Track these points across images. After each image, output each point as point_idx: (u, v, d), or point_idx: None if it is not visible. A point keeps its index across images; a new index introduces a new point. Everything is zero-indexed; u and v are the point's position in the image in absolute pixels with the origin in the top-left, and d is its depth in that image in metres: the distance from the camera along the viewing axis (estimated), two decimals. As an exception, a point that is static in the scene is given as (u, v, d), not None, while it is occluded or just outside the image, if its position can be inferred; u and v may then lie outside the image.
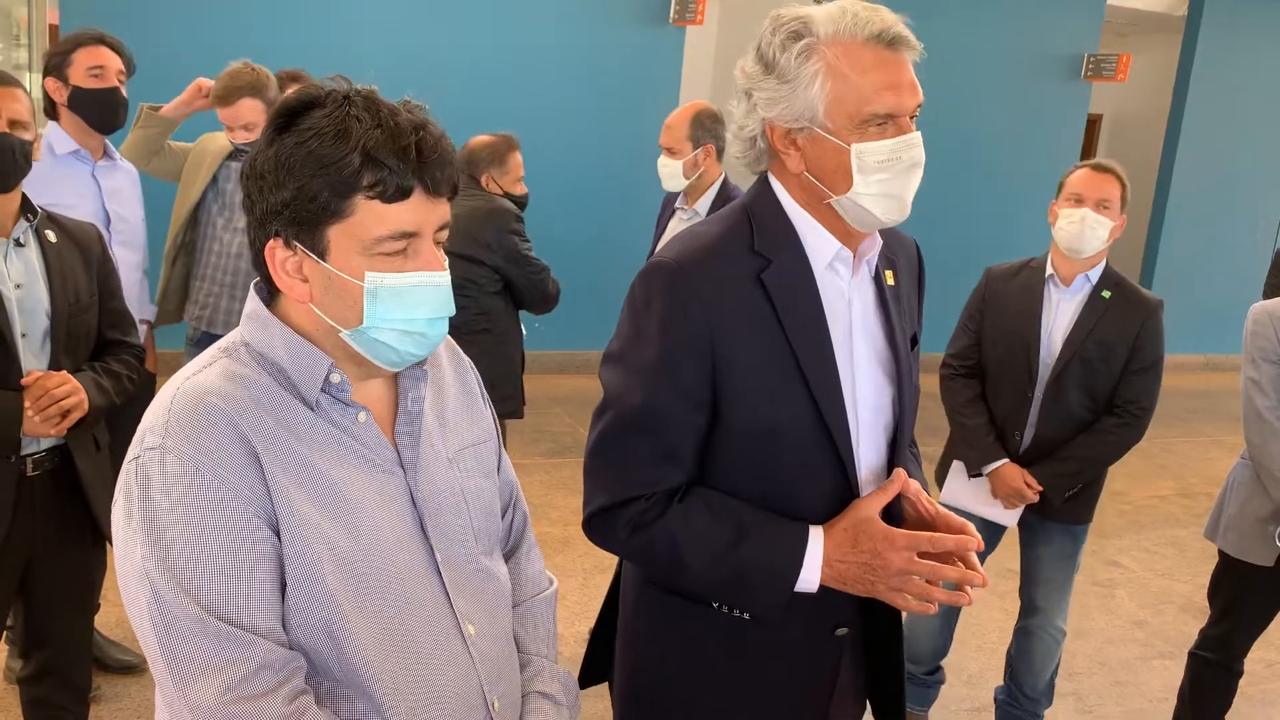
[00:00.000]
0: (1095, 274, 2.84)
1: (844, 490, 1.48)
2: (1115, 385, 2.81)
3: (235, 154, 3.36)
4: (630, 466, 1.44)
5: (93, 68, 2.92)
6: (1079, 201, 2.76)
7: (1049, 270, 2.86)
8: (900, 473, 1.46)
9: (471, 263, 3.25)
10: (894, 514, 1.50)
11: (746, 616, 1.49)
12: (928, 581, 1.39)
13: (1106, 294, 2.81)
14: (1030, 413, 2.83)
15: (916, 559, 1.38)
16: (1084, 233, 2.74)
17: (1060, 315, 2.84)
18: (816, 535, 1.42)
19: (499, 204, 3.37)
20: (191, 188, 3.41)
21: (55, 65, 2.93)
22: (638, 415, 1.42)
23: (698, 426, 1.44)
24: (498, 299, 3.37)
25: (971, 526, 1.45)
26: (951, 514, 1.48)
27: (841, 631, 1.55)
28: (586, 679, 1.79)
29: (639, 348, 1.43)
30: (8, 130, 2.13)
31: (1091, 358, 2.78)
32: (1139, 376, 2.81)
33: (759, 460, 1.45)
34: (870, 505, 1.43)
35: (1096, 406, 2.83)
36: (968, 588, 1.40)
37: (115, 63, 2.98)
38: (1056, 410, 2.81)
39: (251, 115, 3.25)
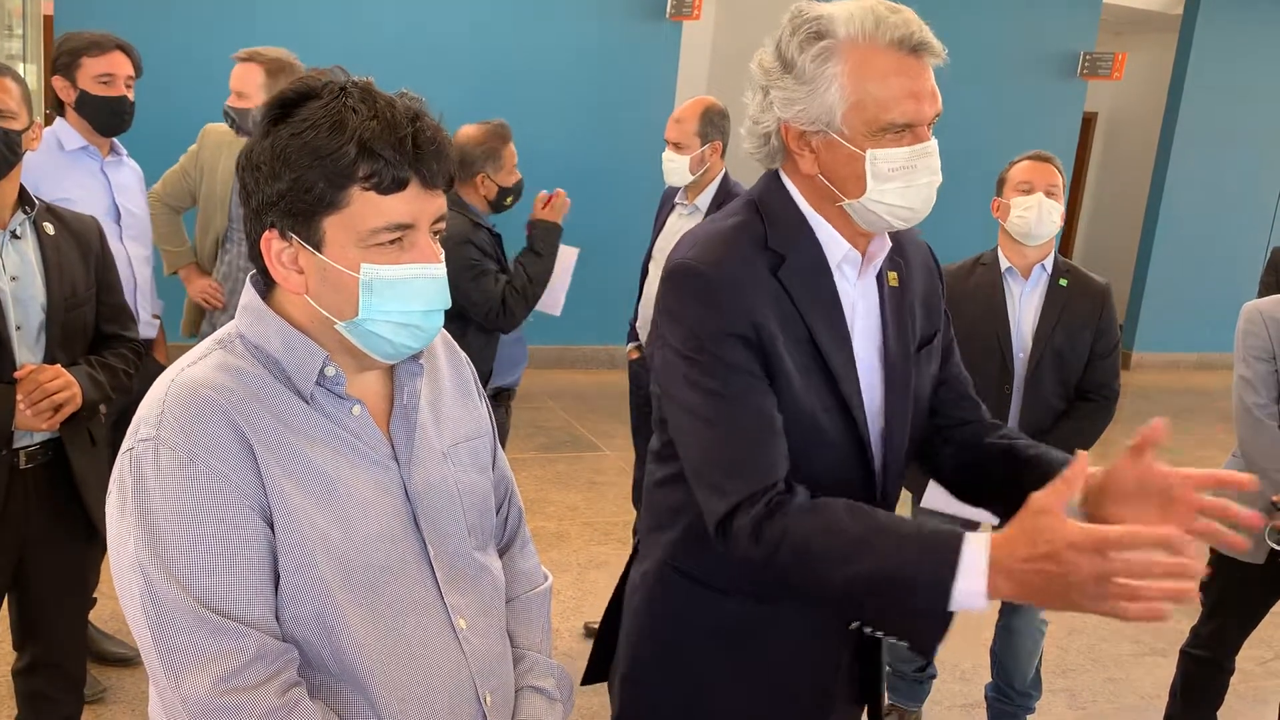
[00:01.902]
0: (1049, 263, 2.87)
1: (868, 482, 1.46)
2: (1083, 371, 2.84)
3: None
4: (746, 462, 1.35)
5: (102, 75, 2.91)
6: (1029, 189, 2.79)
7: (1005, 265, 2.88)
8: (1083, 457, 1.23)
9: None
10: None
11: (905, 644, 1.32)
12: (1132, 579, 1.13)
13: (1063, 282, 2.85)
14: (1011, 409, 2.84)
15: (1110, 556, 1.12)
16: (1041, 217, 2.76)
17: (1025, 308, 2.86)
18: (976, 538, 1.22)
19: (452, 230, 3.02)
20: (215, 187, 3.37)
21: (64, 65, 2.91)
22: (726, 412, 1.36)
23: (775, 409, 1.37)
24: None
25: (1233, 475, 1.27)
26: (1189, 471, 1.30)
27: (855, 625, 1.48)
28: (592, 676, 1.77)
29: (693, 350, 1.38)
30: (6, 128, 2.11)
31: (1061, 347, 2.81)
32: (1105, 360, 2.85)
33: (796, 453, 1.40)
34: (1046, 498, 1.18)
35: (1067, 394, 2.86)
36: (1187, 579, 1.13)
37: (125, 69, 2.96)
38: (1036, 403, 2.82)
39: (246, 86, 3.19)
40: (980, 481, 1.60)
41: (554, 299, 3.37)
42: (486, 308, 3.06)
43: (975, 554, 1.20)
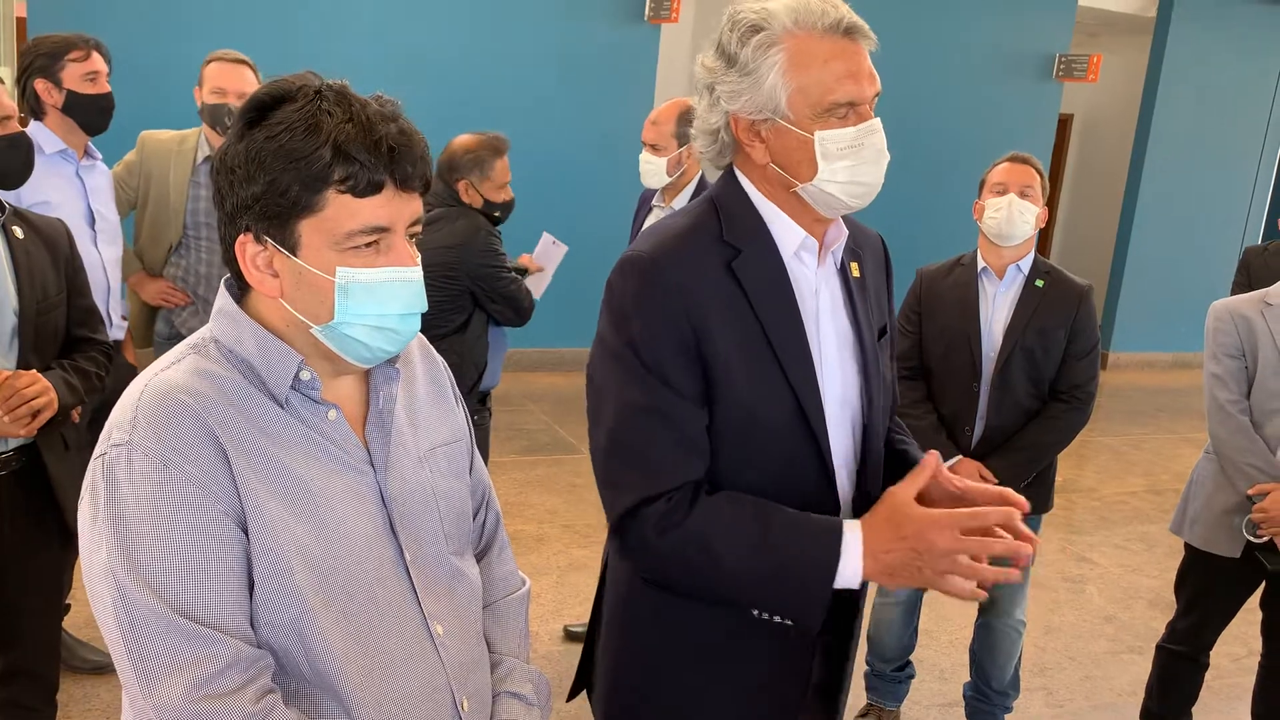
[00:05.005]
0: (1026, 264, 2.88)
1: (823, 480, 1.48)
2: (1057, 371, 2.85)
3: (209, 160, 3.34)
4: (648, 461, 1.40)
5: (89, 74, 2.94)
6: (1003, 190, 2.81)
7: (980, 265, 2.90)
8: (933, 455, 1.43)
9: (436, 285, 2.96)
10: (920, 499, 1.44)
11: (789, 622, 1.45)
12: (974, 560, 1.33)
13: (1040, 283, 2.86)
14: (979, 406, 2.86)
15: (962, 537, 1.33)
16: (1012, 217, 2.79)
17: (997, 308, 2.87)
18: (853, 528, 1.38)
19: (465, 224, 3.18)
20: (167, 198, 3.35)
21: (42, 67, 2.91)
22: (639, 409, 1.40)
23: (698, 413, 1.42)
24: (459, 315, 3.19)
25: (1012, 493, 1.41)
26: (986, 486, 1.46)
27: (758, 612, 1.52)
28: (579, 687, 1.78)
29: (624, 342, 1.42)
30: (20, 129, 2.12)
31: (1032, 346, 2.82)
32: (1080, 361, 2.86)
33: (740, 450, 1.45)
34: (905, 491, 1.38)
35: (1041, 393, 2.87)
36: (1021, 558, 1.34)
37: (104, 66, 3.00)
38: (1004, 401, 2.84)
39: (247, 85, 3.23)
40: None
41: (539, 288, 3.54)
42: (515, 303, 3.23)
43: (853, 542, 1.36)
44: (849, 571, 1.36)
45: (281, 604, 1.13)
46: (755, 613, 1.47)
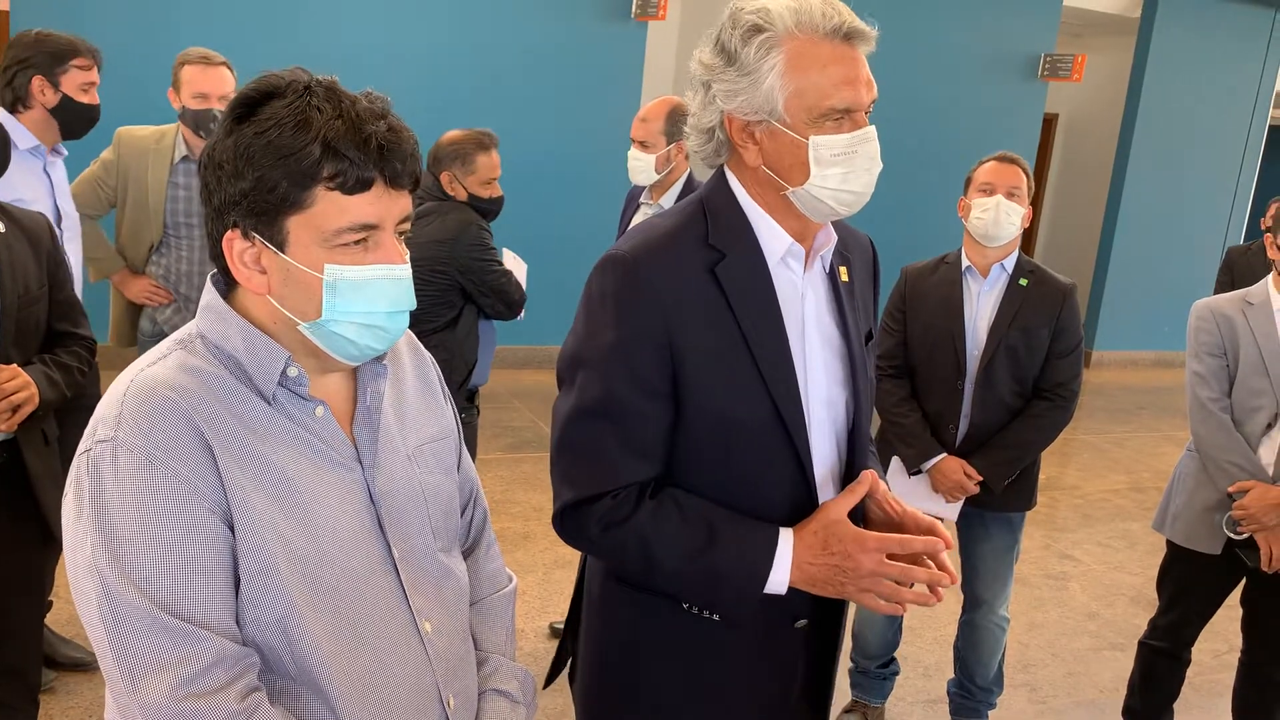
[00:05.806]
0: (1010, 263, 2.89)
1: (801, 485, 1.48)
2: (1040, 369, 2.87)
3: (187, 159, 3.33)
4: (596, 460, 1.43)
5: (87, 84, 2.95)
6: (990, 191, 2.82)
7: (965, 264, 2.91)
8: (868, 474, 1.47)
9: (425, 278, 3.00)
10: (859, 515, 1.50)
11: (716, 617, 1.50)
12: (897, 582, 1.39)
13: (1024, 282, 2.88)
14: (963, 404, 2.88)
15: (886, 561, 1.39)
16: (999, 219, 2.79)
17: (981, 306, 2.89)
18: (786, 537, 1.42)
19: (456, 218, 3.21)
20: (145, 197, 3.33)
21: (43, 65, 2.89)
22: (598, 406, 1.42)
23: (659, 417, 1.43)
24: (449, 308, 3.21)
25: (940, 526, 1.46)
26: (920, 514, 1.49)
27: (801, 623, 1.56)
28: (555, 672, 1.80)
29: (595, 339, 1.43)
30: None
31: (1016, 345, 2.83)
32: (1064, 360, 2.87)
33: (717, 454, 1.46)
34: (839, 507, 1.43)
35: (1025, 391, 2.88)
36: (938, 587, 1.40)
37: (98, 76, 3.00)
38: (988, 399, 2.85)
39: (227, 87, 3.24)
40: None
41: None
42: (505, 296, 3.26)
43: (785, 551, 1.42)
44: (778, 578, 1.42)
45: (267, 601, 1.12)
46: (685, 606, 1.51)
